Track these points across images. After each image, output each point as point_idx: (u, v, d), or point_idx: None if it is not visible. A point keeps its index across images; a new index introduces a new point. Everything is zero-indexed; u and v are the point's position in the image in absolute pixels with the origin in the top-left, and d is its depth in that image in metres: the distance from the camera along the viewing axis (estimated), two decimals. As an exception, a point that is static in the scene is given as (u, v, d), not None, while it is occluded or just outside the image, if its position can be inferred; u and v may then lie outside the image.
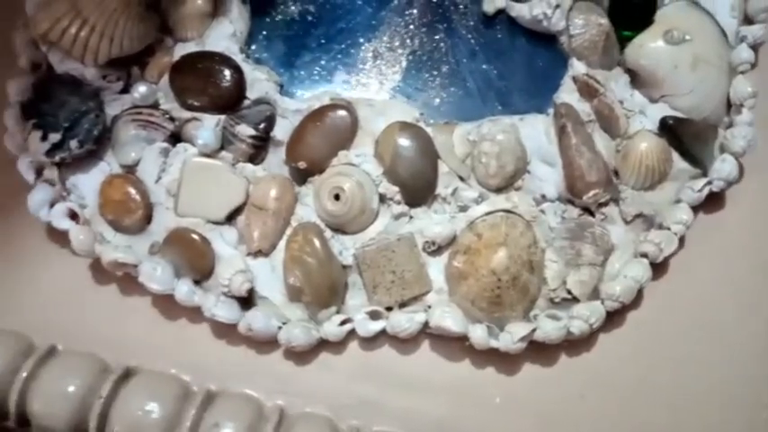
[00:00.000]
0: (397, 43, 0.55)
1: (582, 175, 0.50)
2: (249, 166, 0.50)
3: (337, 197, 0.48)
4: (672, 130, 0.52)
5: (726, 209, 0.54)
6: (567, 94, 0.52)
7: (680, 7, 0.54)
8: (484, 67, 0.54)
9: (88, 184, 0.50)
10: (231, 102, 0.50)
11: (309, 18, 0.55)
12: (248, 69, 0.51)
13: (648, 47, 0.53)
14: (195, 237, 0.48)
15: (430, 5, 0.55)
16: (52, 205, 0.49)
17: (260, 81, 0.51)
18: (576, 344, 0.50)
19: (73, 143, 0.48)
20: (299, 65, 0.54)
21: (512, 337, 0.47)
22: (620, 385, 0.50)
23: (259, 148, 0.50)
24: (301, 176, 0.51)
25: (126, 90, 0.51)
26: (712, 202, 0.53)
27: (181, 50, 0.51)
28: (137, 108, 0.50)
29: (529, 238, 0.49)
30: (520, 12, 0.53)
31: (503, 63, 0.54)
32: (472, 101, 0.54)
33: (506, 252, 0.48)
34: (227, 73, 0.50)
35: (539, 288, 0.49)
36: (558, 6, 0.53)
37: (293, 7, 0.55)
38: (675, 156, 0.52)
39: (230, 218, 0.50)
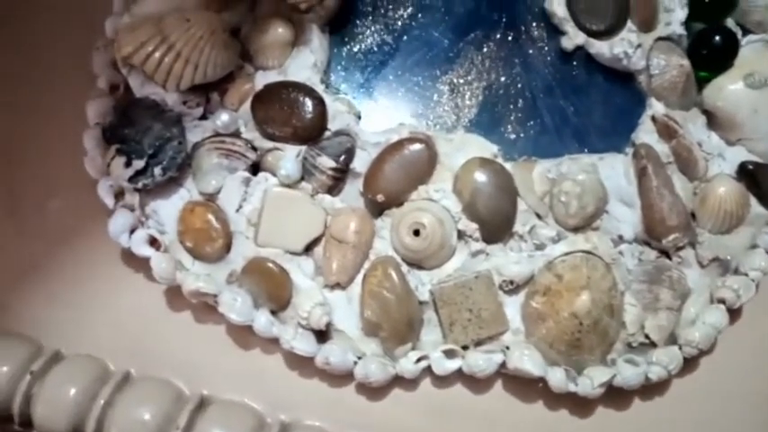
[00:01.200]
0: (473, 77, 0.54)
1: (663, 219, 0.50)
2: (328, 197, 0.50)
3: (417, 233, 0.48)
4: (751, 175, 0.52)
5: (801, 255, 0.53)
6: (646, 134, 0.52)
7: (758, 50, 0.54)
8: (561, 103, 0.54)
9: (168, 210, 0.49)
10: (314, 133, 0.50)
11: (386, 49, 0.54)
12: (329, 100, 0.50)
13: (728, 89, 0.53)
14: (274, 267, 0.48)
15: (507, 39, 0.55)
16: (131, 230, 0.49)
17: (341, 113, 0.50)
18: (649, 387, 0.50)
19: (156, 170, 0.48)
20: (375, 96, 0.54)
21: (591, 382, 0.47)
22: (692, 430, 0.50)
23: (338, 180, 0.50)
24: (376, 209, 0.50)
25: (204, 116, 0.51)
26: (788, 248, 0.52)
27: (262, 79, 0.51)
28: (219, 136, 0.49)
29: (609, 280, 0.48)
30: (600, 49, 0.53)
31: (580, 100, 0.54)
32: (548, 137, 0.53)
33: (589, 295, 0.47)
34: (310, 104, 0.49)
35: (617, 332, 0.49)
36: (639, 46, 0.52)
37: (370, 38, 0.55)
38: (753, 200, 0.52)
39: (307, 249, 0.50)
